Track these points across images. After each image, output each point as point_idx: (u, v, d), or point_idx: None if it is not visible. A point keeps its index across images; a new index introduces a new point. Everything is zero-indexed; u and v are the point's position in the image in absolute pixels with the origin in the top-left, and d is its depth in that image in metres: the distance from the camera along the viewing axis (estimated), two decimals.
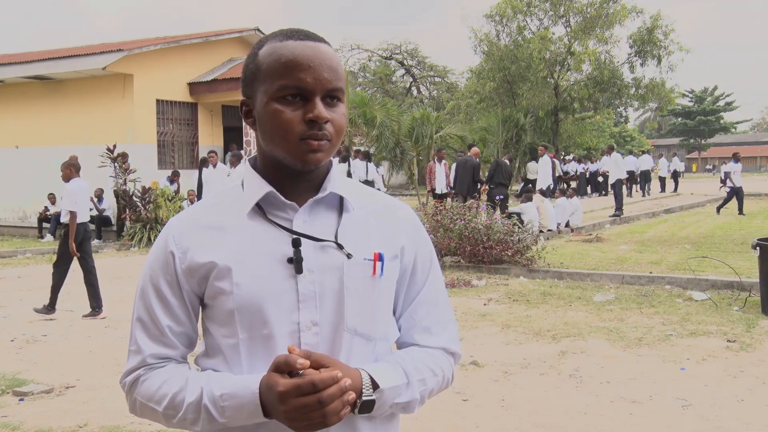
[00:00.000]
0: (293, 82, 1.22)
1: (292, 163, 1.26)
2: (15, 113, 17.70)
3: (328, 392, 1.13)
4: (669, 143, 74.53)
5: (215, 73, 17.78)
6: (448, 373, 1.41)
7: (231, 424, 1.22)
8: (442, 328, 1.41)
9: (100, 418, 4.55)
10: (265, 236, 1.28)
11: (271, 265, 1.26)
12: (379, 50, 45.37)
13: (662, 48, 27.32)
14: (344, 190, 1.34)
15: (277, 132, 1.24)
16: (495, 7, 27.97)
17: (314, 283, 1.27)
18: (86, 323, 7.46)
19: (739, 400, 4.79)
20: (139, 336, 1.31)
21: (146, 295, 1.31)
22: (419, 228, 1.43)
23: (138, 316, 1.32)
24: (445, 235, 10.58)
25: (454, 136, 26.68)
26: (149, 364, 1.30)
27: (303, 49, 1.24)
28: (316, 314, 1.26)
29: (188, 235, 1.30)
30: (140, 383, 1.29)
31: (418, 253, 1.40)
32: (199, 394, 1.23)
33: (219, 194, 1.37)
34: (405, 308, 1.40)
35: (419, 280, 1.40)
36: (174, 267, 1.29)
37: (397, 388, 1.27)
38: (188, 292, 1.30)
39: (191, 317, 1.32)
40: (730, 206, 19.08)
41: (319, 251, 1.28)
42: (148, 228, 14.67)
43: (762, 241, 7.29)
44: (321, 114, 1.22)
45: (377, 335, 1.32)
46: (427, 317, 1.39)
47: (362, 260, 1.29)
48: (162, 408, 1.26)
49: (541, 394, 4.97)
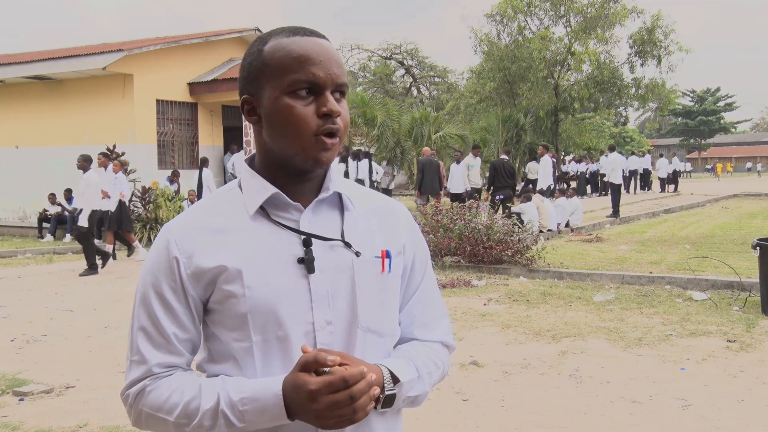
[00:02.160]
0: (305, 76, 1.22)
1: (304, 160, 1.25)
2: (15, 113, 17.70)
3: (358, 387, 1.14)
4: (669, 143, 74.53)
5: (215, 73, 17.78)
6: (446, 365, 1.45)
7: (250, 428, 1.21)
8: (438, 323, 1.45)
9: (100, 418, 4.55)
10: (272, 238, 1.27)
11: (281, 266, 1.25)
12: (379, 50, 45.38)
13: (662, 48, 27.29)
14: (343, 189, 1.35)
15: (290, 127, 1.23)
16: (495, 7, 27.93)
17: (326, 282, 1.27)
18: (86, 323, 7.45)
19: (739, 400, 4.79)
20: (142, 345, 1.27)
21: (148, 302, 1.27)
22: (415, 226, 1.46)
23: (140, 325, 1.28)
24: (445, 235, 10.58)
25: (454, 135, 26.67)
26: (155, 373, 1.26)
27: (312, 44, 1.25)
28: (330, 313, 1.27)
29: (190, 238, 1.27)
30: (147, 394, 1.25)
31: (416, 250, 1.42)
32: (216, 400, 1.20)
33: (216, 196, 1.35)
34: (404, 304, 1.41)
35: (417, 276, 1.42)
36: (179, 272, 1.25)
37: (411, 382, 1.30)
38: (193, 298, 1.27)
39: (196, 323, 1.30)
40: (729, 206, 19.07)
41: (328, 251, 1.28)
42: (148, 228, 14.67)
43: (762, 241, 7.29)
44: (335, 107, 1.23)
45: (387, 331, 1.35)
46: (425, 312, 1.43)
47: (371, 258, 1.31)
48: (174, 417, 1.22)
49: (541, 394, 4.97)
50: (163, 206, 14.82)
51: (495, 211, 12.75)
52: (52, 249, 14.02)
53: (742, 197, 27.58)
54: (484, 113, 29.27)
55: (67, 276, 10.77)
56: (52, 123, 17.09)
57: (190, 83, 17.74)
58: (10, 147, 17.81)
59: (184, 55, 17.71)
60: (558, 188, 18.80)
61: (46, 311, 8.06)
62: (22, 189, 17.47)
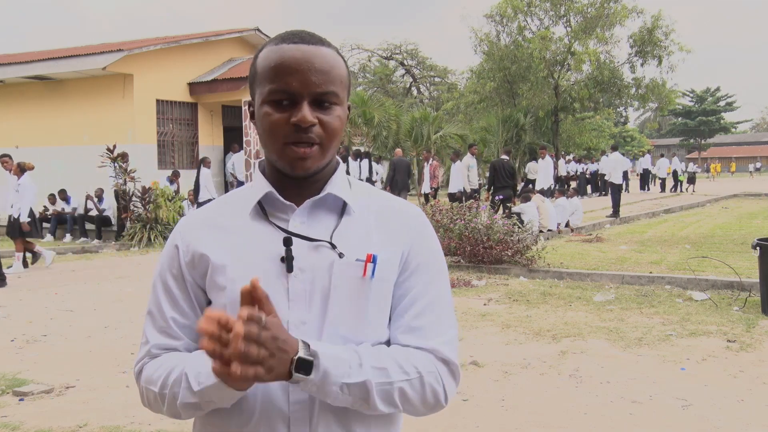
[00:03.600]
0: (280, 86, 1.24)
1: (283, 168, 1.29)
2: (15, 113, 17.70)
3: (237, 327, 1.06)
4: (669, 143, 74.59)
5: (215, 73, 17.77)
6: (429, 377, 1.26)
7: (206, 396, 1.20)
8: (435, 332, 1.30)
9: (100, 418, 4.55)
10: (262, 235, 1.30)
11: (264, 263, 1.28)
12: (379, 50, 45.40)
13: (663, 48, 27.30)
14: (348, 193, 1.34)
15: (266, 135, 1.27)
16: (495, 7, 27.93)
17: (305, 282, 1.27)
18: (86, 323, 7.45)
19: (739, 400, 4.79)
20: (147, 328, 1.36)
21: (155, 288, 1.37)
22: (424, 229, 1.38)
23: (148, 309, 1.38)
24: (445, 235, 10.58)
25: (454, 135, 26.69)
26: (154, 354, 1.34)
27: (293, 52, 1.25)
28: (306, 313, 1.27)
29: (193, 231, 1.35)
30: (144, 370, 1.33)
31: (420, 254, 1.35)
32: (184, 366, 1.25)
33: (232, 193, 1.42)
34: (395, 308, 1.34)
35: (417, 281, 1.33)
36: (178, 260, 1.34)
37: (343, 363, 1.19)
38: (192, 285, 1.33)
39: (196, 310, 1.34)
40: (729, 206, 19.08)
41: (312, 251, 1.28)
42: (148, 228, 14.67)
43: (762, 241, 7.29)
44: (303, 118, 1.23)
45: (366, 338, 1.28)
46: (418, 318, 1.31)
47: (353, 261, 1.28)
48: (158, 388, 1.28)
49: (541, 394, 4.97)
50: (163, 206, 14.82)
51: (495, 211, 12.74)
52: (52, 249, 14.00)
53: (742, 197, 27.59)
54: (484, 113, 29.28)
55: (67, 276, 10.77)
56: (52, 123, 17.09)
57: (190, 83, 17.73)
58: (10, 147, 17.79)
59: (184, 55, 17.71)
60: (558, 188, 18.81)
61: (46, 311, 8.06)
62: None
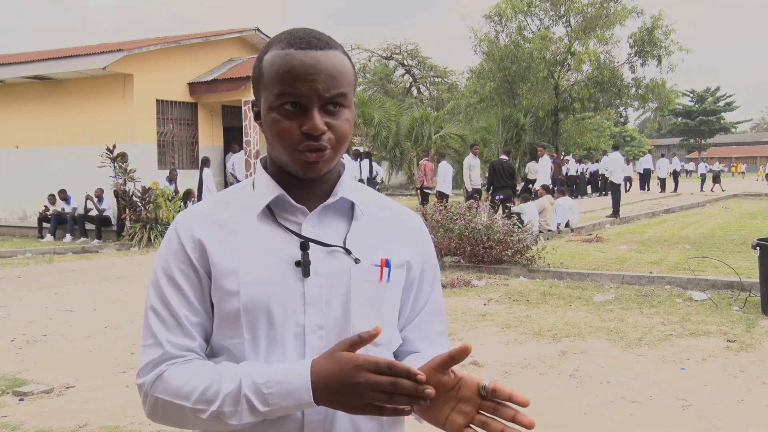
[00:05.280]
0: (290, 92, 1.23)
1: (294, 171, 1.28)
2: (15, 113, 17.68)
3: (402, 382, 1.13)
4: (669, 143, 74.60)
5: (215, 73, 17.75)
6: None
7: (272, 414, 1.19)
8: (442, 339, 1.45)
9: (100, 418, 4.55)
10: (273, 239, 1.28)
11: (278, 267, 1.26)
12: (379, 50, 45.39)
13: (662, 48, 27.31)
14: (355, 196, 1.34)
15: (277, 140, 1.26)
16: (495, 7, 27.94)
17: (321, 286, 1.27)
18: (86, 323, 7.45)
19: (739, 400, 4.79)
20: (155, 327, 1.26)
21: (159, 285, 1.28)
22: (427, 238, 1.44)
23: (151, 307, 1.28)
24: (445, 235, 10.58)
25: (454, 135, 26.69)
26: (170, 355, 1.24)
27: (302, 58, 1.24)
28: (322, 318, 1.26)
29: (199, 228, 1.29)
30: (164, 379, 1.23)
31: (425, 263, 1.41)
32: (238, 383, 1.18)
33: (230, 192, 1.37)
34: (411, 318, 1.41)
35: (426, 290, 1.41)
36: (187, 256, 1.27)
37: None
38: (205, 280, 1.27)
39: (207, 308, 1.29)
40: (729, 205, 19.08)
41: (327, 256, 1.28)
42: (148, 228, 14.66)
43: (762, 241, 7.29)
44: (315, 127, 1.22)
45: (382, 340, 1.31)
46: (431, 327, 1.43)
47: (370, 266, 1.29)
48: (191, 402, 1.19)
49: (541, 394, 4.97)
50: (163, 206, 14.82)
51: (495, 211, 12.75)
52: (52, 249, 14.01)
53: (742, 197, 27.60)
54: (484, 113, 29.28)
55: (67, 276, 10.77)
56: (52, 123, 17.08)
57: (190, 83, 17.71)
58: (10, 147, 17.80)
59: (184, 55, 17.70)
60: (557, 188, 18.80)
61: (46, 311, 8.06)
62: (22, 189, 17.44)
